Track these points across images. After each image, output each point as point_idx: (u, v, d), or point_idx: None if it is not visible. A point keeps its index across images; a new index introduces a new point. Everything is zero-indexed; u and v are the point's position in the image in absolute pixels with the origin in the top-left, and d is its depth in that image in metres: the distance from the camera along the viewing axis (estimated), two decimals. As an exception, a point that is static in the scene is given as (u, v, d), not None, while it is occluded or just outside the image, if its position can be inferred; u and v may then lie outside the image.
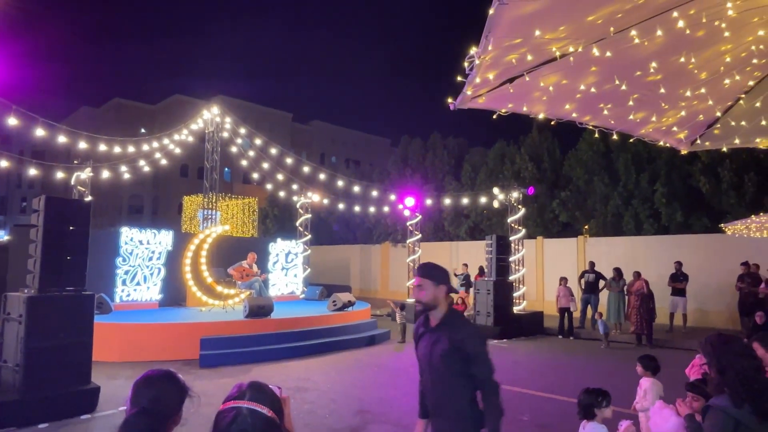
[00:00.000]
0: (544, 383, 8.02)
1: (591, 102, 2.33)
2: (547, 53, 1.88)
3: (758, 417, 2.46)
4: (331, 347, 10.35)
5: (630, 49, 1.96)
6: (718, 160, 14.16)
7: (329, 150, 55.95)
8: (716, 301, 13.26)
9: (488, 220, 19.33)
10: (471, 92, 2.03)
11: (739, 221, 9.17)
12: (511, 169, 19.06)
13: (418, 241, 16.86)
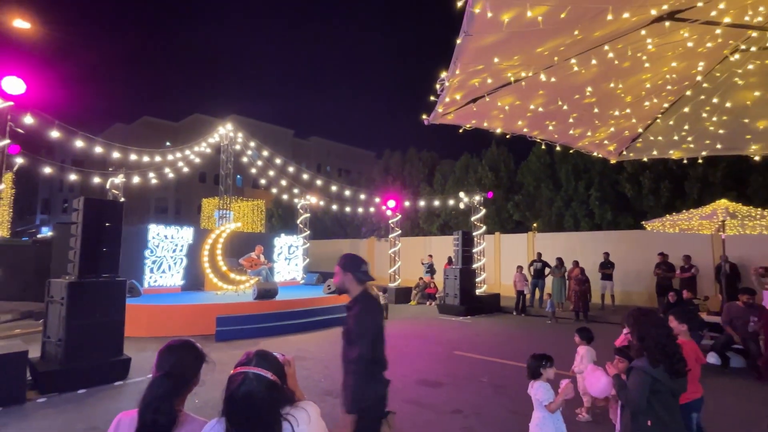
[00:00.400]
0: (500, 352, 8.07)
1: (539, 119, 2.34)
2: (504, 78, 1.88)
3: (670, 375, 2.52)
4: (326, 324, 10.28)
5: (570, 76, 1.98)
6: (639, 170, 14.42)
7: (325, 161, 55.55)
8: (638, 284, 13.51)
9: (455, 219, 19.40)
10: (442, 110, 2.03)
11: (656, 220, 9.34)
12: (474, 177, 19.15)
13: (398, 236, 16.84)
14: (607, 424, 4.41)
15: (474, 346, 8.58)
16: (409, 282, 16.99)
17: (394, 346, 8.42)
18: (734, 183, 12.70)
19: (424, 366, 6.98)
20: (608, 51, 1.76)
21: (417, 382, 6.14)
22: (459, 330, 10.37)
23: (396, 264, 16.52)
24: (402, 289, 15.77)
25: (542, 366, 3.38)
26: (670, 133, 2.48)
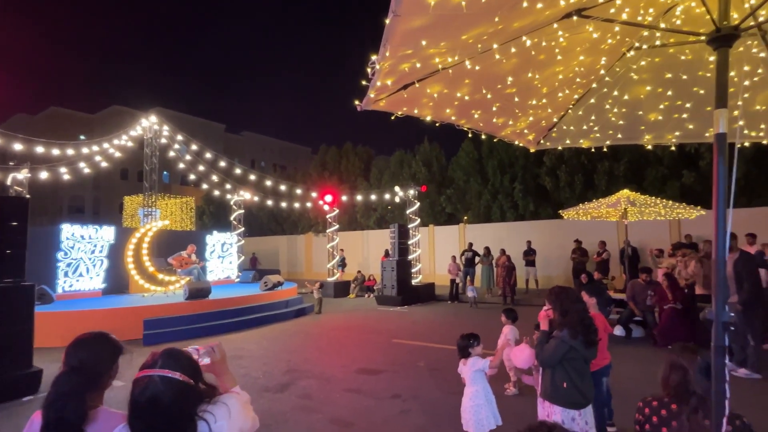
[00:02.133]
0: (435, 337, 8.34)
1: (465, 108, 2.42)
2: (432, 65, 1.93)
3: (586, 345, 2.77)
4: (264, 321, 9.98)
5: (493, 66, 2.07)
6: (557, 165, 15.54)
7: (259, 156, 53.58)
8: (557, 268, 14.59)
9: (392, 212, 19.67)
10: (374, 95, 2.03)
11: (571, 209, 10.15)
12: (409, 172, 19.52)
13: (335, 230, 16.75)
14: (531, 395, 4.72)
15: (411, 333, 8.79)
16: (348, 276, 16.98)
17: (335, 339, 8.39)
18: (634, 176, 14.12)
19: (364, 355, 7.03)
20: (526, 42, 1.87)
21: (357, 371, 6.17)
22: (397, 319, 10.56)
23: (334, 259, 16.43)
24: (341, 283, 15.73)
25: (470, 345, 3.55)
26: (580, 123, 2.70)
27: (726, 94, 1.61)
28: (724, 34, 1.59)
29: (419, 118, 2.48)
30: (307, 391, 5.34)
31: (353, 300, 14.68)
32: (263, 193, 16.58)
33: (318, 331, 9.20)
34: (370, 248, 19.53)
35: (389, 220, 18.78)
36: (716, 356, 1.58)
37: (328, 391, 5.35)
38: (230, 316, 9.42)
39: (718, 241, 1.58)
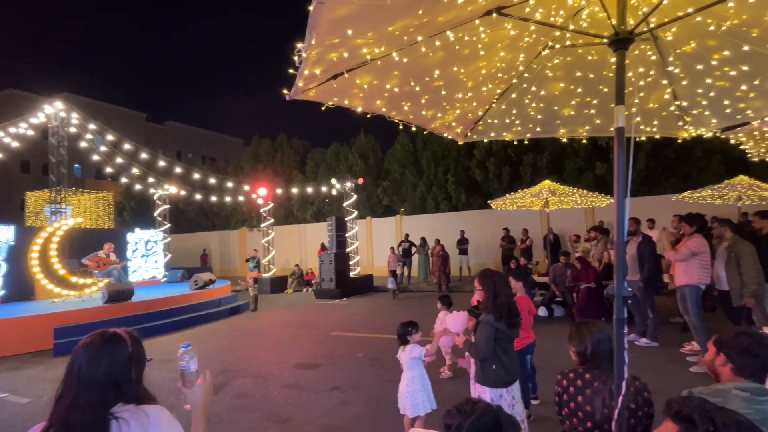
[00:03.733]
0: (374, 327, 8.46)
1: (395, 100, 2.46)
2: (360, 55, 1.93)
3: (508, 327, 2.96)
4: (195, 321, 9.49)
5: (420, 58, 2.12)
6: (486, 157, 16.31)
7: (185, 148, 50.23)
8: (487, 255, 15.36)
9: (329, 205, 19.52)
10: (302, 84, 1.99)
11: (499, 199, 10.73)
12: (345, 165, 19.46)
13: (271, 225, 16.28)
14: (464, 378, 4.95)
15: (350, 325, 8.83)
16: (285, 271, 16.63)
17: (272, 335, 8.20)
18: (555, 167, 15.24)
19: (302, 350, 6.95)
20: (450, 36, 1.93)
21: (295, 366, 6.09)
22: (336, 312, 10.54)
23: (270, 253, 15.98)
24: (277, 278, 15.36)
25: (409, 332, 3.66)
26: (503, 116, 2.86)
27: (624, 92, 1.79)
28: (622, 38, 1.77)
29: (351, 109, 2.48)
30: (243, 391, 5.18)
31: (291, 295, 14.41)
32: (191, 187, 15.64)
33: (253, 329, 8.93)
34: (307, 242, 19.25)
35: (326, 213, 18.64)
36: (617, 327, 1.77)
37: (264, 388, 5.23)
38: (157, 318, 8.84)
39: (619, 225, 1.75)
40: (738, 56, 2.09)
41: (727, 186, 9.05)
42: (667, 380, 4.55)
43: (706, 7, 1.79)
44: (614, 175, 1.76)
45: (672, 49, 2.19)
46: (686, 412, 1.15)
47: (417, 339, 3.68)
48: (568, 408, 2.05)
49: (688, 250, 5.49)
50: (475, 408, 1.25)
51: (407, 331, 3.65)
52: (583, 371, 2.08)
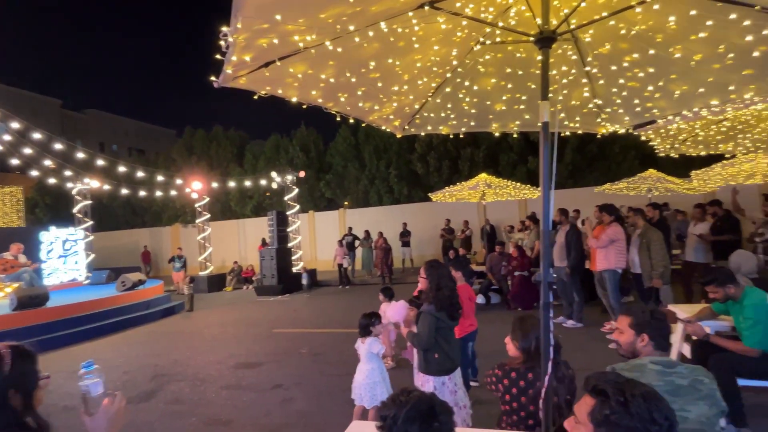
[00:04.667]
0: (318, 322, 8.37)
1: (332, 91, 2.41)
2: (292, 43, 1.86)
3: (449, 318, 3.04)
4: (124, 325, 8.83)
5: (355, 49, 2.09)
6: (427, 151, 16.65)
7: (109, 139, 46.22)
8: (429, 247, 15.74)
9: (269, 200, 18.96)
10: (231, 71, 1.89)
11: (439, 192, 11.00)
12: (286, 157, 18.98)
13: (207, 220, 15.49)
14: (407, 368, 5.04)
15: (293, 321, 8.67)
16: (223, 268, 15.94)
17: (209, 336, 7.83)
18: (491, 161, 15.90)
19: (243, 349, 6.72)
20: (384, 28, 1.92)
21: (235, 366, 5.87)
22: (278, 308, 10.30)
23: (207, 250, 15.23)
24: (215, 276, 14.70)
25: (372, 324, 3.65)
26: (439, 110, 2.91)
27: (548, 89, 1.89)
28: (546, 37, 1.86)
29: (286, 99, 2.40)
30: (178, 395, 4.91)
31: (230, 293, 13.86)
32: (116, 181, 14.44)
33: (190, 330, 8.49)
34: (247, 237, 18.58)
35: (267, 208, 18.09)
36: (543, 311, 1.87)
37: (202, 391, 4.99)
38: (77, 324, 8.11)
39: (545, 215, 1.85)
40: (645, 59, 2.29)
41: (640, 179, 9.95)
42: (591, 357, 4.95)
43: (617, 12, 1.93)
44: (540, 167, 1.85)
45: (590, 50, 2.35)
46: (601, 387, 1.25)
47: (379, 331, 3.70)
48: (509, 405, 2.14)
49: (607, 238, 5.97)
50: (410, 397, 1.27)
51: (370, 322, 3.65)
52: (525, 371, 2.16)
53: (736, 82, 2.27)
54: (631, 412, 1.16)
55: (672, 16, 1.93)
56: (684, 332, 3.90)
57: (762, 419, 3.41)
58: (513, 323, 2.30)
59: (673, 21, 1.97)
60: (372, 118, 2.88)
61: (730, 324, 3.49)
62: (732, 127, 4.98)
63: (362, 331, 3.65)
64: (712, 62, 2.18)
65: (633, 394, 1.19)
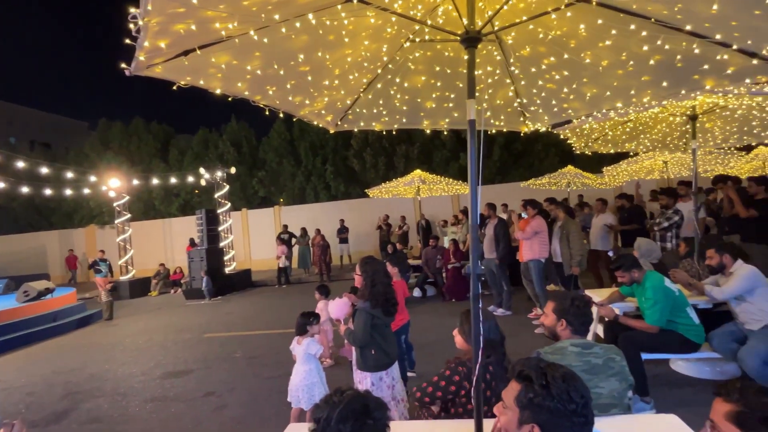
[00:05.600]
0: (253, 325, 8.07)
1: (259, 83, 2.31)
2: (213, 30, 1.74)
3: (384, 314, 3.06)
4: (27, 340, 7.90)
5: (282, 40, 2.01)
6: (363, 147, 16.66)
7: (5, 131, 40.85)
8: (367, 242, 15.79)
9: (198, 197, 17.91)
10: (144, 58, 1.73)
11: (375, 188, 11.08)
12: (215, 153, 18.02)
13: (127, 221, 14.30)
14: (346, 365, 5.02)
15: (226, 325, 8.28)
16: (147, 272, 14.82)
17: (132, 345, 7.25)
18: (426, 158, 16.30)
19: (170, 357, 6.29)
20: (312, 19, 1.87)
21: (162, 376, 5.49)
22: (209, 312, 9.78)
23: (128, 253, 14.07)
24: (138, 280, 13.63)
25: (309, 323, 3.56)
26: (371, 106, 2.90)
27: (474, 88, 1.95)
28: (471, 37, 1.92)
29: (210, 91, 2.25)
30: (96, 414, 4.48)
31: (156, 298, 12.93)
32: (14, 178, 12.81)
33: (109, 341, 7.79)
34: (173, 238, 17.42)
35: (195, 206, 17.08)
36: (473, 302, 1.94)
37: (123, 406, 4.60)
38: (-31, 342, 7.12)
39: (473, 209, 1.91)
40: (561, 63, 2.45)
41: (560, 174, 10.75)
42: (519, 343, 5.25)
43: (535, 17, 2.04)
44: (468, 163, 1.90)
45: (513, 52, 2.47)
46: (526, 372, 1.32)
47: (316, 331, 3.62)
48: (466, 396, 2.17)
49: (532, 230, 6.37)
50: (344, 397, 1.25)
51: (308, 321, 3.56)
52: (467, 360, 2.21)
53: (636, 87, 2.50)
54: (552, 394, 1.23)
55: (582, 23, 2.08)
56: (598, 314, 4.28)
57: (660, 388, 3.84)
58: (461, 316, 2.36)
59: (584, 28, 2.12)
60: (303, 113, 2.80)
61: (636, 305, 3.87)
62: (635, 128, 5.53)
63: (299, 330, 3.57)
64: (616, 68, 2.39)
65: (554, 376, 1.27)
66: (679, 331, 3.50)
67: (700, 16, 1.84)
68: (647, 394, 3.45)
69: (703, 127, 5.49)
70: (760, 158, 9.25)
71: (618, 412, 2.03)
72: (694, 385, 3.93)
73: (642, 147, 6.21)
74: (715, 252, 3.71)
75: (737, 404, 1.12)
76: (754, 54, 2.03)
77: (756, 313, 3.44)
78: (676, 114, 4.94)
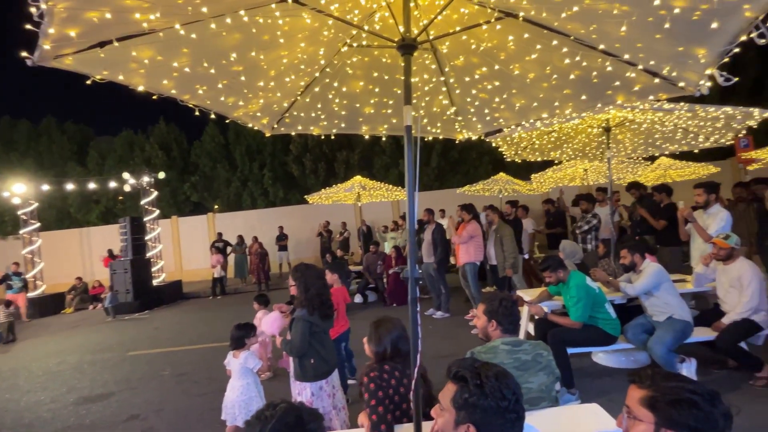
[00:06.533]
0: (184, 339, 7.56)
1: (187, 81, 2.17)
2: (133, 21, 1.61)
3: (323, 319, 2.99)
4: None
5: (213, 37, 1.91)
6: (303, 153, 16.40)
7: None
8: (307, 249, 15.50)
9: (122, 204, 16.57)
10: (50, 47, 1.55)
11: (315, 194, 10.93)
12: (142, 156, 16.81)
13: (36, 230, 12.85)
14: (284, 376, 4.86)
15: (153, 341, 7.68)
16: (61, 287, 13.38)
17: (40, 369, 6.48)
18: (366, 164, 16.38)
19: (87, 380, 5.70)
20: (244, 17, 1.79)
21: (76, 401, 4.95)
22: (134, 328, 9.03)
23: (38, 266, 12.63)
24: (50, 296, 12.27)
25: (247, 335, 3.38)
26: (309, 110, 2.85)
27: (411, 94, 1.98)
28: (407, 44, 1.95)
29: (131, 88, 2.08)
30: (-9, 450, 3.93)
31: (72, 315, 11.70)
32: None
33: (9, 366, 6.90)
34: (93, 249, 15.92)
35: (119, 214, 15.79)
36: (411, 306, 1.95)
37: (27, 440, 4.08)
38: None
39: (410, 215, 1.93)
40: (492, 73, 2.57)
41: (493, 181, 11.28)
42: (458, 343, 5.41)
43: (467, 29, 2.13)
44: (405, 169, 1.92)
45: (447, 61, 2.55)
46: (461, 373, 1.34)
47: (254, 342, 3.44)
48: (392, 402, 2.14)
49: (467, 234, 6.61)
50: (276, 411, 1.19)
51: (245, 333, 3.37)
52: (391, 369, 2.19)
53: (559, 100, 2.69)
54: (486, 393, 1.26)
55: (511, 36, 2.20)
56: (529, 313, 4.52)
57: (583, 379, 4.12)
58: (370, 326, 2.35)
59: (512, 42, 2.24)
60: (237, 115, 2.68)
61: (562, 303, 4.14)
62: (558, 137, 5.95)
63: (234, 344, 3.39)
64: (542, 81, 2.55)
65: (487, 375, 1.30)
66: (599, 325, 3.79)
67: (611, 37, 2.01)
68: (573, 386, 3.69)
69: (616, 139, 6.04)
70: (662, 167, 10.36)
71: (547, 405, 2.14)
72: (612, 374, 4.26)
73: (565, 155, 6.70)
74: (627, 252, 4.07)
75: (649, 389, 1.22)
76: (655, 74, 2.26)
77: (661, 306, 3.82)
78: (593, 126, 5.39)
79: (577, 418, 2.05)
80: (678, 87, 2.28)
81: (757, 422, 3.09)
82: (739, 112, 4.54)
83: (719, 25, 1.62)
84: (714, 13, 1.57)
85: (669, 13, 1.64)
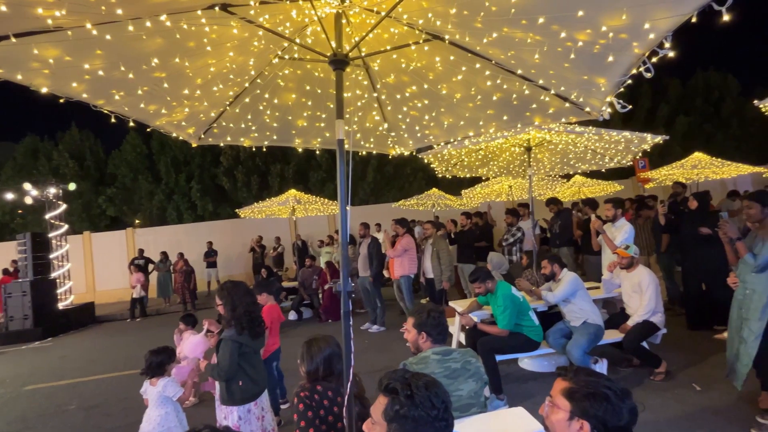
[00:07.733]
0: (94, 368, 6.82)
1: (102, 86, 2.00)
2: (35, 16, 1.46)
3: (252, 338, 2.86)
4: None
5: (131, 40, 1.79)
6: (234, 165, 15.78)
7: None
8: (238, 266, 14.82)
9: (22, 218, 14.76)
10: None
11: (247, 208, 10.54)
12: (48, 165, 15.17)
13: None
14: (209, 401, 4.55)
15: (57, 372, 6.84)
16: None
17: None
18: (301, 177, 16.14)
19: (-32, 423, 4.92)
20: (166, 22, 1.70)
21: (-47, 449, 4.25)
22: (34, 359, 7.99)
23: None
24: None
25: (168, 361, 3.10)
26: (239, 121, 2.76)
27: (343, 108, 1.99)
28: (339, 59, 1.97)
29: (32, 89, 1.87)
30: None
31: (-48, 348, 10.07)
32: None
33: None
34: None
35: (18, 229, 14.03)
36: (344, 319, 1.93)
37: None
38: None
39: (342, 228, 1.92)
40: (422, 92, 2.67)
41: (426, 196, 11.64)
42: (394, 356, 5.43)
43: (397, 48, 2.21)
44: (338, 183, 1.92)
45: (379, 78, 2.61)
46: (392, 385, 1.34)
47: (174, 369, 3.16)
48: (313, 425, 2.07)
49: (402, 248, 6.73)
50: (196, 438, 1.11)
51: (165, 359, 3.09)
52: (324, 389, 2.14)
53: (483, 119, 2.87)
54: (416, 403, 1.28)
55: (438, 57, 2.31)
56: (459, 323, 4.67)
57: (511, 384, 4.33)
58: (302, 346, 2.29)
59: (439, 63, 2.35)
60: (159, 123, 2.52)
61: (491, 313, 4.33)
62: (485, 155, 6.31)
63: (152, 371, 3.11)
64: (467, 101, 2.70)
65: (417, 385, 1.32)
66: (524, 332, 4.02)
67: (527, 63, 2.19)
68: (501, 392, 3.85)
69: (536, 158, 6.53)
70: (576, 184, 11.37)
71: (477, 411, 2.21)
72: (537, 378, 4.52)
73: (491, 172, 7.10)
74: (547, 263, 4.38)
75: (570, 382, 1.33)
76: (566, 98, 2.49)
77: (577, 311, 4.14)
78: (516, 145, 5.78)
79: (504, 423, 2.13)
80: (585, 111, 2.53)
81: (659, 415, 3.44)
82: (636, 136, 5.13)
83: (614, 59, 1.84)
84: (610, 47, 1.77)
85: (574, 45, 1.83)
